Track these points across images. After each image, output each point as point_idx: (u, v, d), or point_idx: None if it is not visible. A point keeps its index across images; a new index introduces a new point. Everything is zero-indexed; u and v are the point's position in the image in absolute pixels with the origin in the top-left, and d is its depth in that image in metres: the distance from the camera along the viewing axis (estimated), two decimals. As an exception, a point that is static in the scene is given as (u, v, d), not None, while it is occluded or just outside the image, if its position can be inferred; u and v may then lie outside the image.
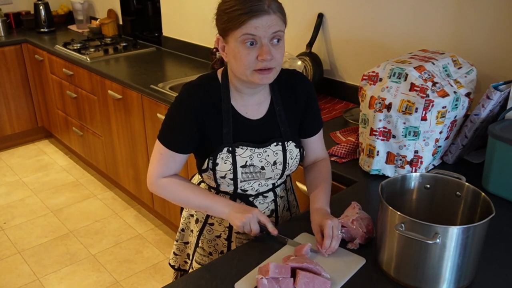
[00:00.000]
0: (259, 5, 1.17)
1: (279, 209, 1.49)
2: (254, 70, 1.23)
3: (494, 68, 1.82)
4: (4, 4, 4.26)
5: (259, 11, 1.17)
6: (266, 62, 1.21)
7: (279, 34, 1.22)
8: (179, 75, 2.93)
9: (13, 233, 3.04)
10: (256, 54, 1.20)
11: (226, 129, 1.33)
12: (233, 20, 1.19)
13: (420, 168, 1.60)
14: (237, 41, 1.20)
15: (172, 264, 1.66)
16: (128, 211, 3.27)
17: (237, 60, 1.23)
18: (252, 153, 1.34)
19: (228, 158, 1.33)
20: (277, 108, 1.38)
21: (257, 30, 1.18)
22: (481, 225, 1.05)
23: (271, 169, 1.37)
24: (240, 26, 1.18)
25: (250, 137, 1.35)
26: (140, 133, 2.85)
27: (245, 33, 1.18)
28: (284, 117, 1.38)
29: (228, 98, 1.34)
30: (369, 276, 1.17)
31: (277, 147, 1.36)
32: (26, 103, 4.11)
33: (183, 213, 1.60)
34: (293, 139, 1.39)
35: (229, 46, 1.24)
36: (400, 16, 2.08)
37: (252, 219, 1.28)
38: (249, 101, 1.36)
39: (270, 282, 1.07)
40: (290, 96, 1.40)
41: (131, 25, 3.83)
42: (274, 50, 1.21)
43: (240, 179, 1.36)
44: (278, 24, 1.21)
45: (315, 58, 2.41)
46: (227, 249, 1.49)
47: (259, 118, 1.37)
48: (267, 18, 1.18)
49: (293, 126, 1.41)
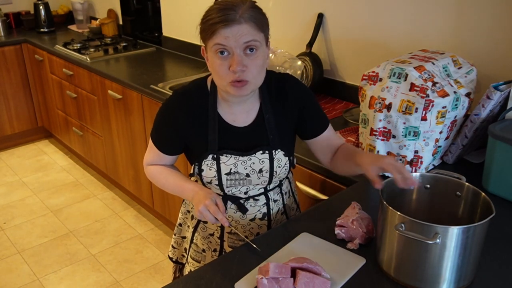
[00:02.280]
0: (230, 14, 1.16)
1: (272, 212, 1.47)
2: (228, 82, 1.22)
3: (494, 68, 1.82)
4: (4, 4, 4.26)
5: (228, 21, 1.16)
6: (238, 73, 1.19)
7: (253, 44, 1.19)
8: (179, 75, 2.93)
9: (13, 233, 3.04)
10: (229, 64, 1.20)
11: (211, 137, 1.33)
12: (206, 30, 1.20)
13: (420, 168, 1.60)
14: (211, 51, 1.21)
15: (171, 257, 1.68)
16: (128, 211, 3.27)
17: (214, 71, 1.25)
18: (237, 161, 1.34)
19: (213, 165, 1.34)
20: (266, 116, 1.36)
21: (227, 40, 1.17)
22: (481, 225, 1.05)
23: (257, 176, 1.37)
24: (212, 36, 1.18)
25: (236, 145, 1.35)
26: (140, 133, 2.85)
27: (216, 43, 1.18)
28: (274, 125, 1.36)
29: (215, 106, 1.34)
30: (369, 276, 1.17)
31: (263, 155, 1.35)
32: (26, 103, 4.11)
33: (181, 208, 1.62)
34: (281, 147, 1.37)
35: (208, 55, 1.25)
36: (400, 16, 2.08)
37: (203, 210, 1.25)
38: (237, 109, 1.35)
39: (270, 282, 1.07)
40: (281, 102, 1.37)
41: (131, 25, 3.82)
42: (248, 60, 1.20)
43: (225, 185, 1.37)
44: (251, 33, 1.18)
45: (315, 58, 2.41)
46: (219, 247, 1.49)
47: (246, 125, 1.36)
48: (238, 28, 1.16)
49: (284, 133, 1.39)
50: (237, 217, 1.43)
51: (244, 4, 1.19)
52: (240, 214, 1.43)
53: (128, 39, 3.75)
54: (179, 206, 2.73)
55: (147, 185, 2.99)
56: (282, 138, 1.38)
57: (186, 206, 1.58)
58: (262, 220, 1.46)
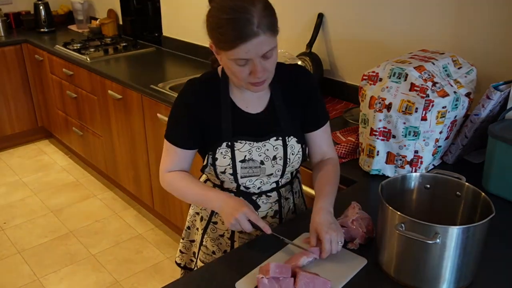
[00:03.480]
0: (249, 27, 1.14)
1: (284, 210, 1.48)
2: (248, 82, 1.25)
3: (494, 68, 1.82)
4: (4, 4, 4.26)
5: (247, 36, 1.14)
6: (258, 78, 1.23)
7: (271, 51, 1.21)
8: (179, 75, 2.93)
9: (13, 233, 3.04)
10: (249, 70, 1.21)
11: (225, 124, 1.34)
12: (223, 42, 1.18)
13: (420, 168, 1.60)
14: (229, 59, 1.21)
15: (178, 262, 1.66)
16: (128, 211, 3.27)
17: (231, 73, 1.26)
18: (251, 147, 1.34)
19: (227, 153, 1.34)
20: (277, 103, 1.38)
21: (247, 54, 1.17)
22: (481, 225, 1.05)
23: (271, 164, 1.37)
24: (231, 50, 1.17)
25: (249, 131, 1.35)
26: (140, 133, 2.85)
27: (236, 58, 1.18)
28: (286, 112, 1.38)
29: (227, 93, 1.35)
30: (369, 276, 1.17)
31: (277, 141, 1.36)
32: (26, 103, 4.11)
33: (190, 210, 1.60)
34: (294, 134, 1.38)
35: (222, 58, 1.24)
36: (400, 16, 2.08)
37: (241, 219, 1.24)
38: (249, 96, 1.37)
39: (270, 282, 1.07)
40: (292, 91, 1.39)
41: (131, 25, 3.82)
42: (266, 63, 1.22)
43: (240, 174, 1.36)
44: (269, 43, 1.19)
45: (315, 58, 2.41)
46: (230, 248, 1.48)
47: (259, 112, 1.37)
48: (257, 41, 1.16)
49: (296, 121, 1.40)
50: None
51: (256, 7, 1.16)
52: None
53: (128, 39, 3.75)
54: (179, 206, 2.74)
55: (147, 185, 2.99)
56: (294, 125, 1.39)
57: (195, 208, 1.56)
58: (274, 218, 1.46)
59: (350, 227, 1.27)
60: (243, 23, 1.14)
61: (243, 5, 1.15)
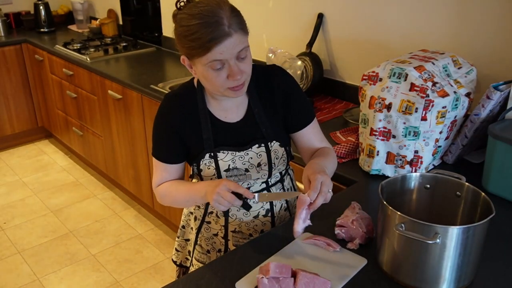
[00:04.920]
0: (220, 29, 1.15)
1: (275, 208, 1.48)
2: (227, 88, 1.24)
3: (494, 68, 1.82)
4: (4, 4, 4.26)
5: (221, 37, 1.15)
6: (237, 81, 1.22)
7: (245, 51, 1.21)
8: (179, 75, 2.93)
9: (13, 233, 3.04)
10: (226, 74, 1.21)
11: (206, 135, 1.35)
12: (196, 48, 1.18)
13: (420, 168, 1.60)
14: (204, 66, 1.21)
15: (175, 260, 1.68)
16: (128, 211, 3.27)
17: (208, 81, 1.25)
18: (234, 156, 1.35)
19: (211, 163, 1.35)
20: (255, 110, 1.37)
21: (222, 55, 1.17)
22: (481, 225, 1.05)
23: (256, 170, 1.37)
24: (205, 54, 1.17)
25: (231, 141, 1.36)
26: (140, 133, 2.85)
27: (211, 60, 1.18)
28: (264, 117, 1.37)
29: (204, 104, 1.35)
30: (369, 276, 1.17)
31: (259, 148, 1.36)
32: (26, 103, 4.11)
33: (184, 210, 1.62)
34: (276, 138, 1.38)
35: (197, 68, 1.24)
36: (400, 16, 2.08)
37: (221, 192, 1.21)
38: (227, 105, 1.36)
39: (270, 282, 1.07)
40: (268, 94, 1.38)
41: (131, 25, 3.82)
42: (242, 65, 1.22)
43: None
44: (242, 41, 1.20)
45: (315, 58, 2.41)
46: (224, 247, 1.49)
47: (238, 120, 1.37)
48: (230, 41, 1.16)
49: (276, 124, 1.39)
50: (240, 215, 1.43)
51: (224, 10, 1.17)
52: (244, 211, 1.43)
53: (128, 39, 3.75)
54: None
55: (147, 185, 2.99)
56: (275, 129, 1.39)
57: (189, 208, 1.58)
58: (266, 217, 1.46)
59: (350, 227, 1.27)
60: (215, 25, 1.15)
61: (211, 9, 1.17)
